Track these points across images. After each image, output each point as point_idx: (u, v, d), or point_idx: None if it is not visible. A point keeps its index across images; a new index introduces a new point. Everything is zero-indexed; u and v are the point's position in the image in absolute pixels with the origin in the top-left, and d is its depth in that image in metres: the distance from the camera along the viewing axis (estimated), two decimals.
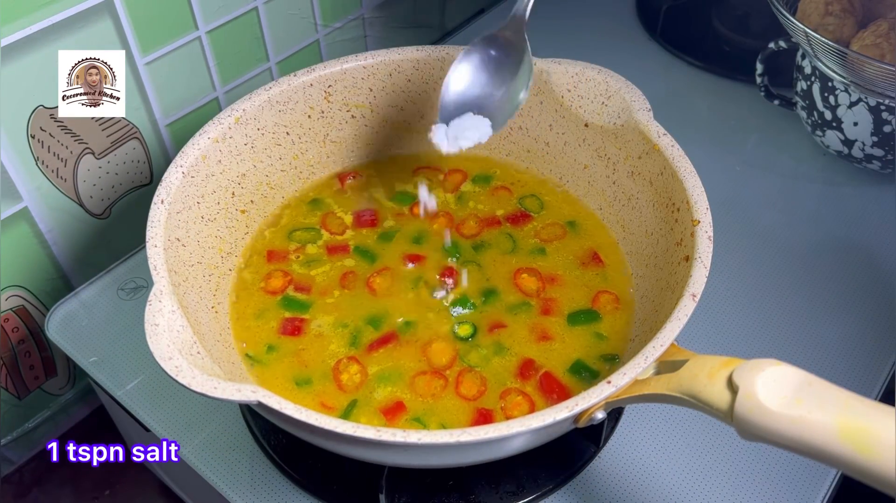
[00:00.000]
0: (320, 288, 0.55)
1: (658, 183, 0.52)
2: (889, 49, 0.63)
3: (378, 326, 0.52)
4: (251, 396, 0.38)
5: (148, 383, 0.56)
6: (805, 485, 0.51)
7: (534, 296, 0.54)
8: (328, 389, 0.49)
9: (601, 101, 0.57)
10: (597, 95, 0.57)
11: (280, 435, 0.53)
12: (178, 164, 0.51)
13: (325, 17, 0.77)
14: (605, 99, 0.56)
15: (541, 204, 0.60)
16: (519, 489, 0.50)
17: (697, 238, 0.46)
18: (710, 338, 0.59)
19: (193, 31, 0.65)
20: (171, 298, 0.42)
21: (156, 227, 0.47)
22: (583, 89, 0.57)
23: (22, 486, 0.71)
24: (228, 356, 0.49)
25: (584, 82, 0.57)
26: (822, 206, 0.71)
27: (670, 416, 0.54)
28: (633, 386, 0.40)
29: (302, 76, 0.58)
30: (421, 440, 0.37)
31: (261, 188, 0.58)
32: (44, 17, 0.54)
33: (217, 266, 0.54)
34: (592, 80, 0.57)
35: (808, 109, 0.72)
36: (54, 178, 0.61)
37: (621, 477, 0.51)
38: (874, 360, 0.58)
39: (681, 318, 0.42)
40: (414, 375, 0.49)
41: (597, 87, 0.57)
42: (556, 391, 0.48)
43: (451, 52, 0.60)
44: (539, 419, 0.38)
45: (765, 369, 0.34)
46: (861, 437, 0.31)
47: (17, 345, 0.66)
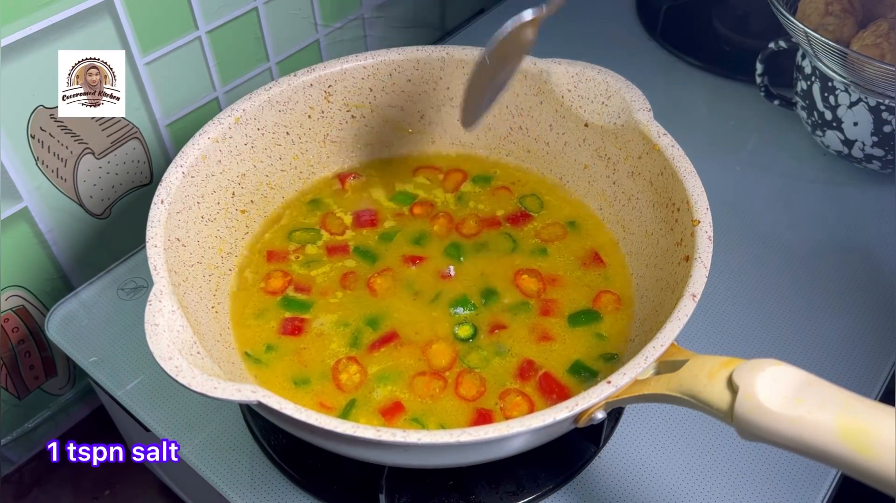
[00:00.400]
0: (320, 288, 0.55)
1: (658, 183, 0.52)
2: (889, 49, 0.63)
3: (378, 327, 0.52)
4: (251, 396, 0.38)
5: (148, 383, 0.56)
6: (805, 485, 0.51)
7: (534, 297, 0.54)
8: (327, 389, 0.49)
9: (601, 101, 0.57)
10: (597, 95, 0.57)
11: (280, 435, 0.52)
12: (178, 164, 0.51)
13: (325, 17, 0.77)
14: (605, 99, 0.56)
15: (541, 203, 0.60)
16: (519, 489, 0.50)
17: (697, 238, 0.46)
18: (710, 338, 0.59)
19: (193, 31, 0.65)
20: (171, 298, 0.42)
21: (156, 227, 0.47)
22: (583, 89, 0.57)
23: (22, 486, 0.71)
24: (228, 356, 0.49)
25: (584, 82, 0.57)
26: (822, 206, 0.71)
27: (670, 416, 0.54)
28: (633, 386, 0.40)
29: (302, 76, 0.58)
30: (421, 440, 0.37)
31: (261, 188, 0.58)
32: (44, 17, 0.54)
33: (217, 266, 0.54)
34: (592, 80, 0.57)
35: (808, 109, 0.72)
36: (54, 178, 0.61)
37: (621, 477, 0.51)
38: (874, 360, 0.58)
39: (681, 318, 0.42)
40: (413, 376, 0.49)
41: (597, 87, 0.57)
42: (556, 391, 0.48)
43: (452, 52, 0.60)
44: (539, 419, 0.38)
45: (765, 369, 0.34)
46: (861, 437, 0.31)
47: (17, 345, 0.66)
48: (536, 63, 0.58)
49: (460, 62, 0.60)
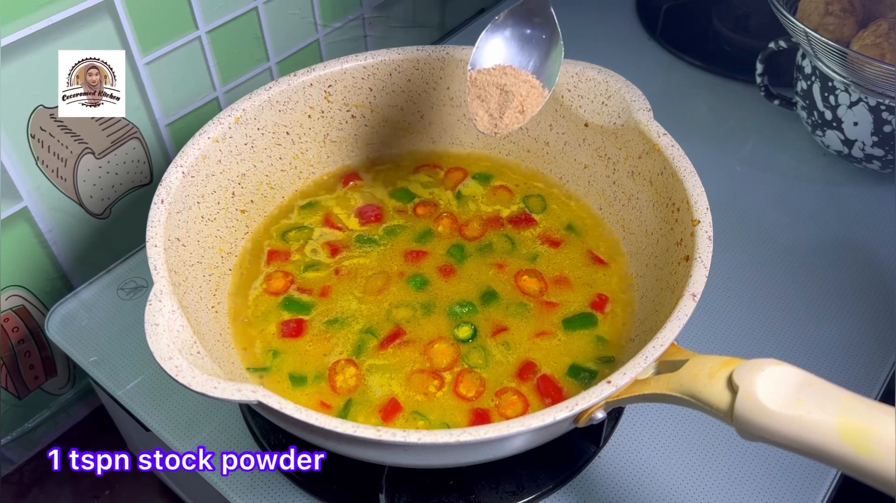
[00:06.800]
0: (320, 288, 0.55)
1: (658, 183, 0.52)
2: (889, 49, 0.63)
3: (379, 327, 0.52)
4: (251, 396, 0.38)
5: (148, 383, 0.56)
6: (805, 485, 0.51)
7: (535, 298, 0.54)
8: (324, 389, 0.49)
9: (601, 100, 0.57)
10: (597, 95, 0.57)
11: (280, 435, 0.52)
12: (178, 164, 0.51)
13: (325, 17, 0.77)
14: (605, 99, 0.56)
15: (542, 204, 0.60)
16: (519, 489, 0.50)
17: (697, 238, 0.46)
18: (710, 338, 0.59)
19: (193, 31, 0.65)
20: (171, 298, 0.42)
21: (156, 227, 0.47)
22: (583, 89, 0.57)
23: (22, 486, 0.71)
24: (228, 356, 0.49)
25: (584, 82, 0.57)
26: (822, 206, 0.71)
27: (670, 416, 0.54)
28: (633, 386, 0.40)
29: (302, 76, 0.58)
30: (421, 440, 0.37)
31: (261, 188, 0.58)
32: (44, 17, 0.54)
33: (217, 266, 0.54)
34: (592, 79, 0.57)
35: (808, 109, 0.72)
36: (54, 177, 0.61)
37: (621, 477, 0.51)
38: (874, 360, 0.58)
39: (681, 318, 0.42)
40: (411, 374, 0.49)
41: (597, 86, 0.57)
42: (552, 395, 0.48)
43: (452, 52, 0.60)
44: (539, 419, 0.38)
45: (765, 369, 0.34)
46: (861, 437, 0.31)
47: (17, 344, 0.66)
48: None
49: (460, 62, 0.60)
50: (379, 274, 0.55)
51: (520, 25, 0.53)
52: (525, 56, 0.52)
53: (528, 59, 0.52)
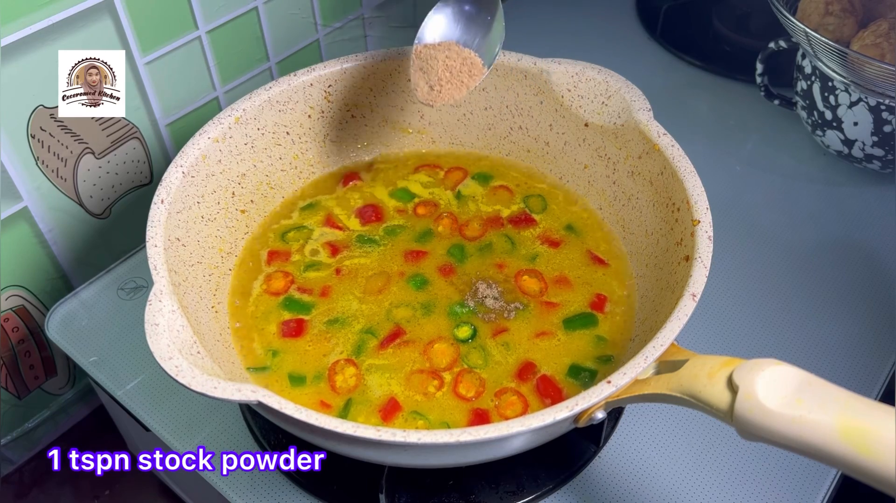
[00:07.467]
0: (321, 288, 0.55)
1: (658, 183, 0.52)
2: (889, 49, 0.63)
3: (379, 327, 0.52)
4: (251, 396, 0.38)
5: (148, 383, 0.56)
6: (805, 485, 0.51)
7: (535, 298, 0.54)
8: (324, 389, 0.49)
9: (601, 100, 0.57)
10: (597, 95, 0.57)
11: (280, 434, 0.52)
12: (178, 164, 0.51)
13: (325, 17, 0.77)
14: (605, 99, 0.56)
15: (542, 204, 0.60)
16: (519, 489, 0.50)
17: (697, 238, 0.46)
18: (710, 338, 0.59)
19: (193, 31, 0.65)
20: (171, 298, 0.42)
21: (156, 227, 0.47)
22: (583, 89, 0.57)
23: (22, 486, 0.71)
24: (228, 356, 0.49)
25: (584, 82, 0.57)
26: (822, 206, 0.71)
27: (670, 416, 0.54)
28: (633, 386, 0.40)
29: (302, 76, 0.58)
30: (421, 440, 0.37)
31: (261, 188, 0.58)
32: (44, 17, 0.54)
33: (217, 266, 0.54)
34: (592, 79, 0.57)
35: (808, 109, 0.72)
36: (54, 177, 0.61)
37: (621, 477, 0.51)
38: (874, 360, 0.58)
39: (681, 318, 0.42)
40: (411, 374, 0.49)
41: (597, 86, 0.57)
42: (552, 395, 0.48)
43: None
44: (539, 419, 0.38)
45: (765, 369, 0.34)
46: (861, 437, 0.31)
47: (17, 344, 0.66)
48: (536, 63, 0.58)
49: None
50: (379, 274, 0.55)
51: (467, 4, 0.53)
52: (470, 35, 0.53)
53: (473, 38, 0.53)
